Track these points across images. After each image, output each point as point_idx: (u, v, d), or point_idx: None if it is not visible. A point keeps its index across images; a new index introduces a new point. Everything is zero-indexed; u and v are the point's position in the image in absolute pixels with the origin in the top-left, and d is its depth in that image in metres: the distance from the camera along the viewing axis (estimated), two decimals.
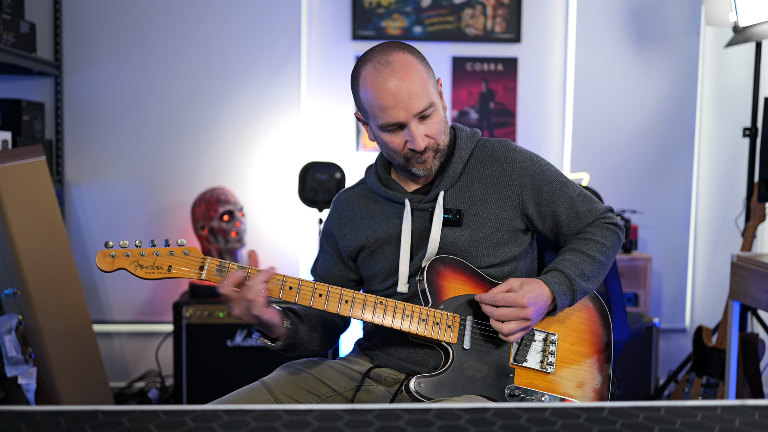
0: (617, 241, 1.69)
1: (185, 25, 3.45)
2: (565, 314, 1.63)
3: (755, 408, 0.87)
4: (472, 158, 1.68)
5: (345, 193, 1.78)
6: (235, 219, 3.28)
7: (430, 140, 1.58)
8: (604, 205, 1.72)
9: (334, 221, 1.76)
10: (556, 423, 0.81)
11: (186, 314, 3.10)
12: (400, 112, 1.54)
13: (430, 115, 1.57)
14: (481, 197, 1.64)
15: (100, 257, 1.44)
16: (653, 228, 3.62)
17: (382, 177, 1.71)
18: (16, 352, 2.54)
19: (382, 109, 1.56)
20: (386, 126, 1.57)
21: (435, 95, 1.60)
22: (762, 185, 2.48)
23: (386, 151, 1.63)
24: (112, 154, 3.46)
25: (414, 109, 1.54)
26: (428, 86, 1.58)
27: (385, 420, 0.82)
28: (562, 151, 3.60)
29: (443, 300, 1.57)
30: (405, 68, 1.56)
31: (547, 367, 1.59)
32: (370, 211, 1.71)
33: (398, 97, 1.54)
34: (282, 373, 1.67)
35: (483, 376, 1.57)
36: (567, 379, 1.61)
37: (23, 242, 2.60)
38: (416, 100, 1.54)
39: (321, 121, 3.53)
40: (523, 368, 1.59)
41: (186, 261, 1.47)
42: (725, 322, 2.96)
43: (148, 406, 0.87)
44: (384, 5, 3.49)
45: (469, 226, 1.63)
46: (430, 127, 1.58)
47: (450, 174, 1.64)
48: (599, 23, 3.56)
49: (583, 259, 1.62)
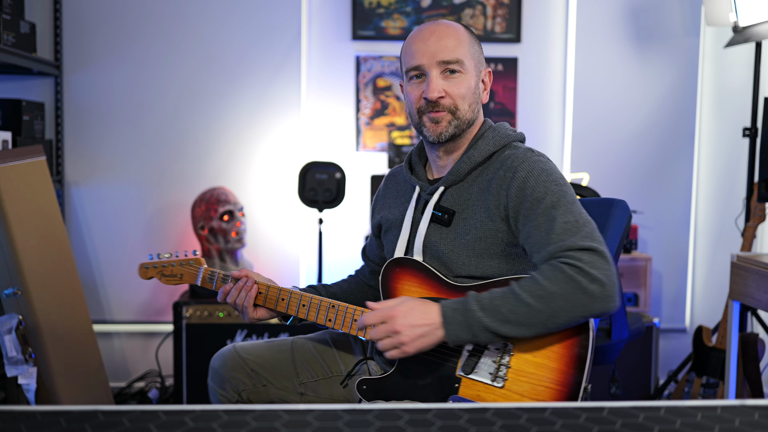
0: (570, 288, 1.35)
1: (185, 25, 3.45)
2: None
3: (755, 408, 0.87)
4: (488, 161, 1.58)
5: (393, 168, 1.83)
6: (235, 219, 3.28)
7: (447, 98, 1.54)
8: (588, 244, 1.38)
9: (377, 196, 1.82)
10: (556, 423, 0.81)
11: (186, 314, 3.10)
12: (424, 55, 1.54)
13: (456, 73, 1.55)
14: (475, 202, 1.55)
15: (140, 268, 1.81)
16: (653, 228, 3.62)
17: (413, 158, 1.73)
18: (16, 352, 2.54)
19: (410, 54, 1.57)
20: (410, 70, 1.57)
21: (470, 63, 1.57)
22: (762, 185, 2.48)
23: (408, 108, 1.63)
24: (112, 154, 3.46)
25: (438, 56, 1.54)
26: (464, 48, 1.56)
27: (385, 420, 0.82)
28: (562, 151, 3.60)
29: None
30: (447, 26, 1.58)
31: (497, 380, 1.44)
32: (395, 191, 1.76)
33: (428, 41, 1.55)
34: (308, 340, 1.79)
35: (427, 383, 1.51)
36: (521, 394, 1.43)
37: (23, 242, 2.60)
38: (443, 50, 1.54)
39: (321, 121, 3.53)
40: (470, 380, 1.46)
41: (189, 269, 1.77)
42: (725, 322, 2.96)
43: (148, 406, 0.87)
44: (384, 5, 3.49)
45: (455, 230, 1.55)
46: (452, 86, 1.55)
47: (454, 172, 1.58)
48: (599, 23, 3.56)
49: (508, 299, 1.38)
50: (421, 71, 1.56)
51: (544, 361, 1.43)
